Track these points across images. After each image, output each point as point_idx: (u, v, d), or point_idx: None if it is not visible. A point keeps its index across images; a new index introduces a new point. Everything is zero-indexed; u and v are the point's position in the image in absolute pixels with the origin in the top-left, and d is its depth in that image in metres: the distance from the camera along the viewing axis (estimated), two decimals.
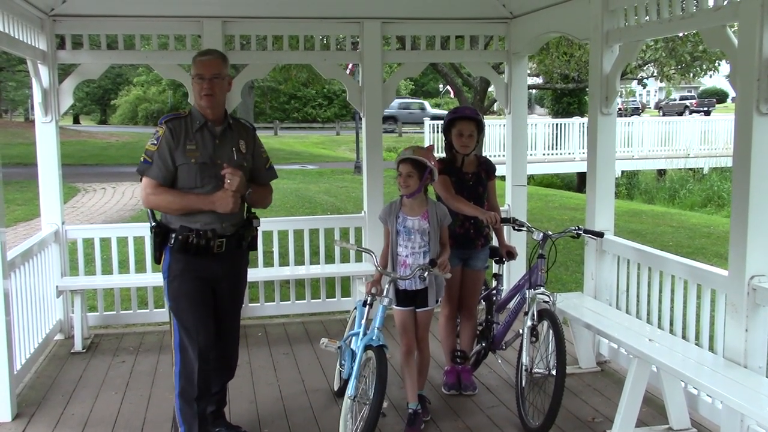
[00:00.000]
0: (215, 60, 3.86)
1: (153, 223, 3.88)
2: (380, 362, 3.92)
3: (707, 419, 4.37)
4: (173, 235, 3.81)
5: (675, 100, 49.94)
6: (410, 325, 4.40)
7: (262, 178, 4.13)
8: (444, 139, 4.93)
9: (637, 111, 44.52)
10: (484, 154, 5.82)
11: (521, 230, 4.81)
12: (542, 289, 4.50)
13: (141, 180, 3.83)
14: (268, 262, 6.88)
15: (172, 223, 3.84)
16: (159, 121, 3.87)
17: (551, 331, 4.35)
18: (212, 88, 3.80)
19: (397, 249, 4.35)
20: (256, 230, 4.13)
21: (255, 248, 4.17)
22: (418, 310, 4.41)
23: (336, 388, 4.93)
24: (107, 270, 6.66)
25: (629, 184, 22.65)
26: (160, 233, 3.85)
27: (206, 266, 3.88)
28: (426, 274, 4.22)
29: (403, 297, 4.34)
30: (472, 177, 4.86)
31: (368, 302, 4.30)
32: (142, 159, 3.80)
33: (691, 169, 23.43)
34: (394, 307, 4.33)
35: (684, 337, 4.55)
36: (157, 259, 3.93)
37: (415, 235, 4.31)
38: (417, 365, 4.52)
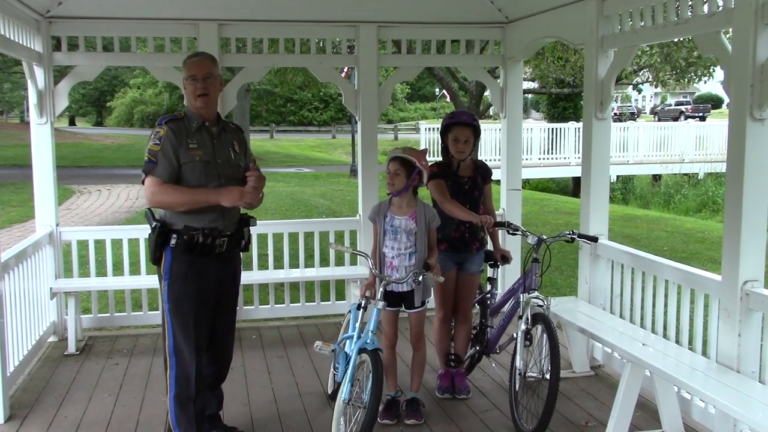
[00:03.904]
0: (206, 60, 3.94)
1: (154, 222, 3.82)
2: (376, 366, 3.93)
3: (700, 424, 4.38)
4: (175, 236, 3.77)
5: (670, 105, 50.11)
6: (394, 321, 4.50)
7: None
8: (441, 142, 4.95)
9: (633, 116, 44.64)
10: (479, 158, 5.83)
11: (516, 234, 4.82)
12: (536, 293, 4.50)
13: (143, 182, 3.80)
14: (263, 265, 6.87)
15: (176, 224, 3.80)
16: (158, 122, 3.86)
17: (545, 335, 4.36)
18: (206, 88, 3.86)
19: (383, 249, 4.38)
20: (249, 230, 4.15)
21: (248, 249, 4.18)
22: (409, 311, 4.44)
23: (330, 392, 4.92)
24: (101, 272, 6.65)
25: (624, 189, 22.71)
26: (162, 233, 3.79)
27: (208, 267, 3.88)
28: (420, 277, 4.23)
29: (391, 297, 4.37)
30: (468, 181, 4.87)
31: (363, 305, 4.31)
32: (146, 159, 3.76)
33: (686, 174, 23.50)
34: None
35: (677, 341, 4.56)
36: (156, 260, 3.86)
37: (402, 234, 4.33)
38: (413, 363, 4.61)
